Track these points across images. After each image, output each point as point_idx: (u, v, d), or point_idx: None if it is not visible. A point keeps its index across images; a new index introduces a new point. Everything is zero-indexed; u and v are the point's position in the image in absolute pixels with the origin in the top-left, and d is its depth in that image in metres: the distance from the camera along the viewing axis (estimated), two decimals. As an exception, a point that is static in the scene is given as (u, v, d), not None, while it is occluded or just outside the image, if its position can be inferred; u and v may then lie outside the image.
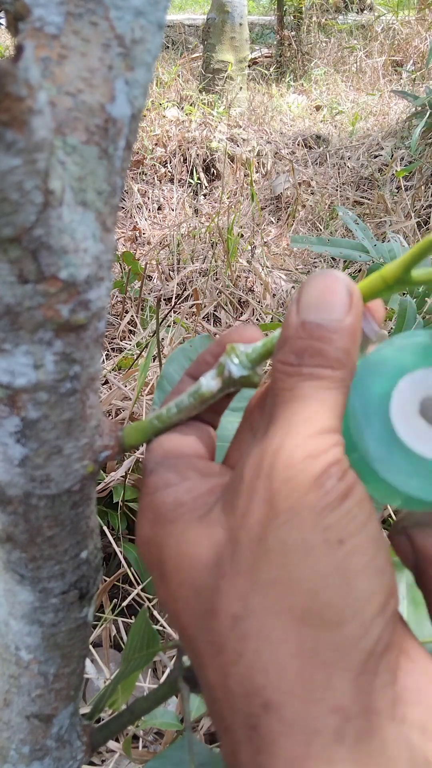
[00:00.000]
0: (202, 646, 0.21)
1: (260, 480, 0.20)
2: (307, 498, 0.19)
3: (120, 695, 0.49)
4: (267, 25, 5.50)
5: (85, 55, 0.19)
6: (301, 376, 0.22)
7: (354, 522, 0.19)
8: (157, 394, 0.44)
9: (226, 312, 1.83)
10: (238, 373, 0.25)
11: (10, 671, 0.31)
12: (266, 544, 0.19)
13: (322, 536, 0.19)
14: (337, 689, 0.18)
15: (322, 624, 0.18)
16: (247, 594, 0.19)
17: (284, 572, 0.19)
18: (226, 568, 0.20)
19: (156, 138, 2.86)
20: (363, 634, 0.18)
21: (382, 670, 0.18)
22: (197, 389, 0.25)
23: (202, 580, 0.21)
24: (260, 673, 0.19)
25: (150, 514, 0.24)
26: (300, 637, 0.18)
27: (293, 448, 0.20)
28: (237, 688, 0.19)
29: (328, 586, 0.19)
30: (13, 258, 0.18)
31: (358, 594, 0.19)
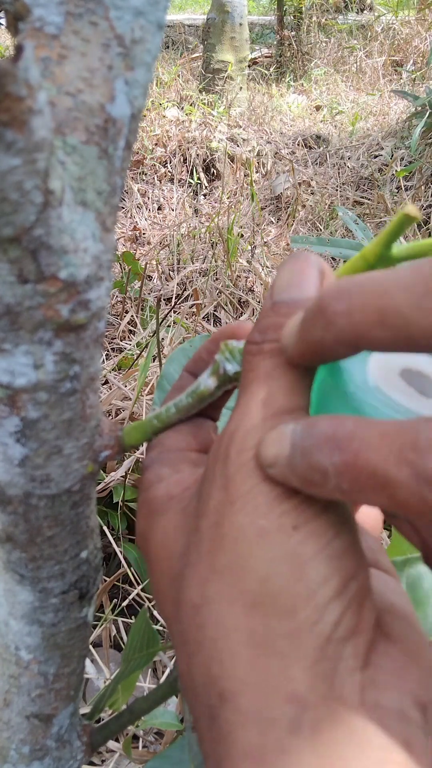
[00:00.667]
0: (175, 636, 0.21)
1: (218, 465, 0.20)
2: (263, 485, 0.19)
3: (120, 695, 0.49)
4: (267, 25, 5.50)
5: (85, 55, 0.19)
6: (262, 354, 0.21)
7: (311, 508, 0.19)
8: (157, 394, 0.44)
9: (226, 312, 1.83)
10: (232, 369, 0.25)
11: (10, 671, 0.31)
12: (222, 531, 0.19)
13: (277, 522, 0.18)
14: (292, 678, 0.17)
15: (273, 611, 0.18)
16: (205, 582, 0.19)
17: (237, 559, 0.19)
18: (191, 556, 0.20)
19: (156, 138, 2.86)
20: (317, 620, 0.18)
21: (346, 655, 0.18)
22: (195, 388, 0.26)
23: (174, 569, 0.21)
24: (216, 663, 0.18)
25: (144, 509, 0.24)
26: (252, 625, 0.18)
27: (248, 432, 0.20)
28: (198, 678, 0.19)
29: (279, 573, 0.18)
30: (13, 258, 0.18)
31: (311, 579, 0.18)
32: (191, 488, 0.23)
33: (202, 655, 0.19)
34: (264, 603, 0.18)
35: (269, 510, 0.19)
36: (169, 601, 0.21)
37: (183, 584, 0.20)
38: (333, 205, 2.52)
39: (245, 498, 0.19)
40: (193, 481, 0.23)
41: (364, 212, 2.49)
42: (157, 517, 0.23)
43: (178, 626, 0.20)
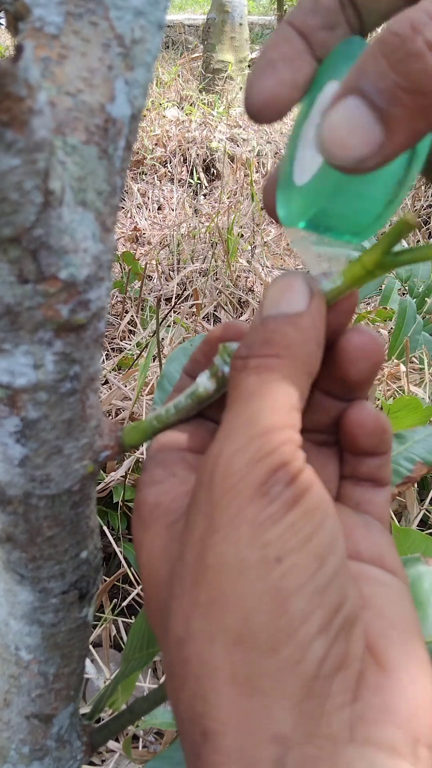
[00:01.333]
0: (164, 667, 0.20)
1: (202, 490, 0.19)
2: (248, 510, 0.18)
3: (120, 695, 0.49)
4: (267, 25, 5.50)
5: (85, 55, 0.19)
6: (247, 370, 0.20)
7: (296, 537, 0.18)
8: (157, 394, 0.44)
9: (226, 312, 1.83)
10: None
11: (10, 671, 0.31)
12: (206, 562, 0.18)
13: (259, 553, 0.18)
14: (275, 717, 0.17)
15: (255, 648, 0.17)
16: (189, 616, 0.18)
17: (220, 593, 0.18)
18: (175, 587, 0.19)
19: (156, 138, 2.86)
20: (301, 658, 0.17)
21: (334, 691, 0.17)
22: (194, 390, 0.25)
23: (161, 598, 0.20)
24: (200, 701, 0.18)
25: (137, 513, 0.23)
26: (234, 663, 0.17)
27: (233, 454, 0.19)
28: (183, 714, 0.18)
29: (260, 609, 0.17)
30: (13, 258, 0.18)
31: (293, 615, 0.17)
32: (179, 499, 0.22)
33: (186, 691, 0.18)
34: (246, 640, 0.17)
35: (253, 539, 0.18)
36: (158, 627, 0.21)
37: (169, 616, 0.19)
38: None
39: (229, 526, 0.18)
40: (183, 492, 0.23)
41: (364, 212, 2.49)
42: (145, 529, 0.22)
43: (166, 657, 0.20)
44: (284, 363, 0.20)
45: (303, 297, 0.21)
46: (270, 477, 0.18)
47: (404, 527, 0.84)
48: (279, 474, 0.18)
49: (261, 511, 0.18)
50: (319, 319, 0.21)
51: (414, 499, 1.04)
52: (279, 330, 0.21)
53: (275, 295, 0.22)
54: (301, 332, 0.21)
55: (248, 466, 0.18)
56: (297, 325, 0.21)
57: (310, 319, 0.21)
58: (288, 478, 0.18)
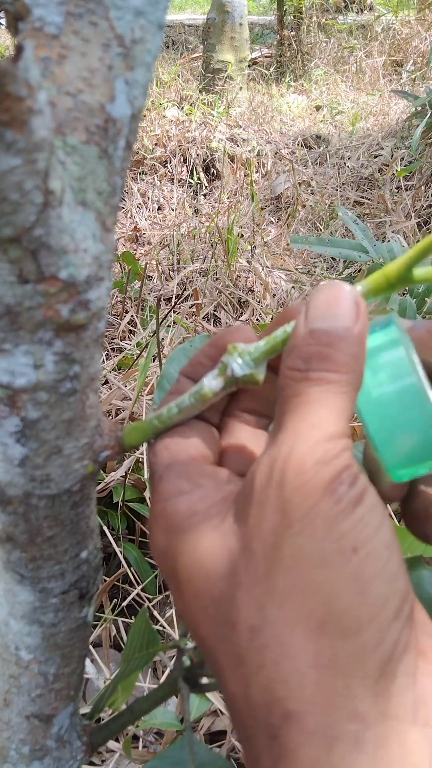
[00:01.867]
0: (222, 657, 0.21)
1: (272, 488, 0.20)
2: (320, 506, 0.19)
3: (120, 695, 0.49)
4: (267, 25, 5.50)
5: (85, 55, 0.19)
6: (309, 381, 0.22)
7: (367, 529, 0.19)
8: (157, 394, 0.44)
9: (226, 312, 1.83)
10: (240, 371, 0.25)
11: (10, 671, 0.31)
12: (281, 554, 0.20)
13: (337, 545, 0.19)
14: (356, 696, 0.18)
15: (338, 632, 0.19)
16: (264, 604, 0.20)
17: (299, 581, 0.19)
18: (242, 578, 0.20)
19: (156, 138, 2.86)
20: (380, 640, 0.19)
21: (401, 673, 0.19)
22: (199, 389, 0.25)
23: (218, 590, 0.21)
24: (280, 684, 0.19)
25: (163, 523, 0.24)
26: (317, 647, 0.19)
27: (303, 455, 0.20)
28: (258, 698, 0.19)
29: (343, 594, 0.19)
30: (13, 258, 0.18)
31: (374, 600, 0.19)
32: (218, 506, 0.23)
33: (262, 676, 0.19)
34: (329, 624, 0.19)
35: (328, 532, 0.19)
36: (209, 622, 0.21)
37: (236, 606, 0.20)
38: (333, 205, 2.52)
39: (303, 520, 0.19)
40: (219, 499, 0.23)
41: (364, 212, 2.49)
42: (180, 534, 0.23)
43: (229, 648, 0.20)
44: (342, 378, 0.22)
45: (351, 310, 0.23)
46: (337, 477, 0.20)
47: (404, 527, 0.84)
48: (344, 475, 0.20)
49: (332, 507, 0.19)
50: (365, 333, 0.23)
51: None
52: (335, 346, 0.22)
53: (322, 306, 0.23)
54: (353, 348, 0.22)
55: (317, 467, 0.20)
56: (349, 342, 0.22)
57: (359, 335, 0.22)
58: (351, 479, 0.20)
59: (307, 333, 0.22)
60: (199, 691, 0.40)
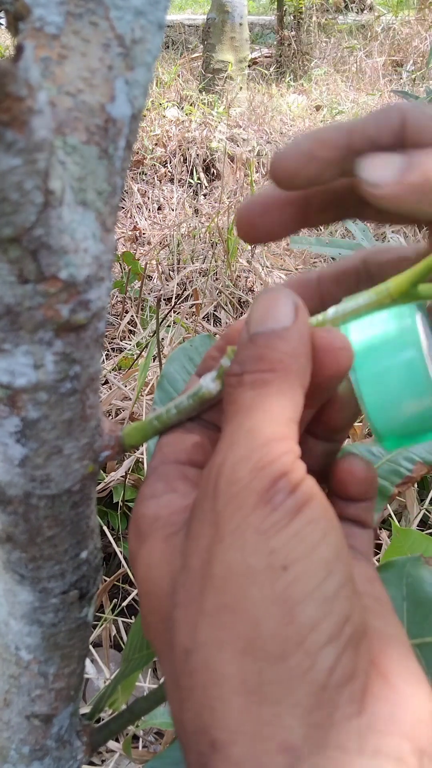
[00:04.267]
0: (166, 677, 0.20)
1: (206, 500, 0.19)
2: (252, 517, 0.18)
3: (120, 695, 0.49)
4: (267, 25, 5.50)
5: (85, 55, 0.19)
6: (243, 386, 0.21)
7: (302, 544, 0.18)
8: (157, 394, 0.44)
9: (226, 312, 1.83)
10: None
11: (10, 671, 0.31)
12: (212, 571, 0.18)
13: (266, 561, 0.18)
14: (285, 726, 0.17)
15: (264, 657, 0.17)
16: (196, 625, 0.18)
17: (227, 601, 0.18)
18: (180, 597, 0.19)
19: (156, 138, 2.86)
20: (310, 667, 0.17)
21: (343, 702, 0.17)
22: (197, 391, 0.25)
23: (163, 610, 0.20)
24: (207, 711, 0.18)
25: (134, 526, 0.23)
26: (243, 672, 0.17)
27: (236, 463, 0.19)
28: (189, 725, 0.18)
29: (269, 616, 0.17)
30: (13, 258, 0.18)
31: (302, 624, 0.17)
32: (178, 513, 0.22)
33: (193, 701, 0.18)
34: (255, 648, 0.17)
35: (258, 547, 0.18)
36: (160, 640, 0.21)
37: (173, 626, 0.19)
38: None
39: (234, 534, 0.18)
40: (182, 506, 0.23)
41: (364, 212, 2.49)
42: (141, 540, 0.22)
43: (170, 669, 0.20)
44: (278, 377, 0.21)
45: (289, 311, 0.22)
46: (272, 486, 0.18)
47: (404, 527, 0.84)
48: (280, 483, 0.19)
49: (265, 518, 0.18)
50: (305, 331, 0.22)
51: (414, 499, 1.04)
52: (270, 345, 0.21)
53: (261, 311, 0.22)
54: (290, 346, 0.21)
55: (251, 475, 0.19)
56: (286, 340, 0.21)
57: (297, 333, 0.21)
58: (289, 487, 0.19)
59: (248, 339, 0.22)
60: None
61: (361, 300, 0.24)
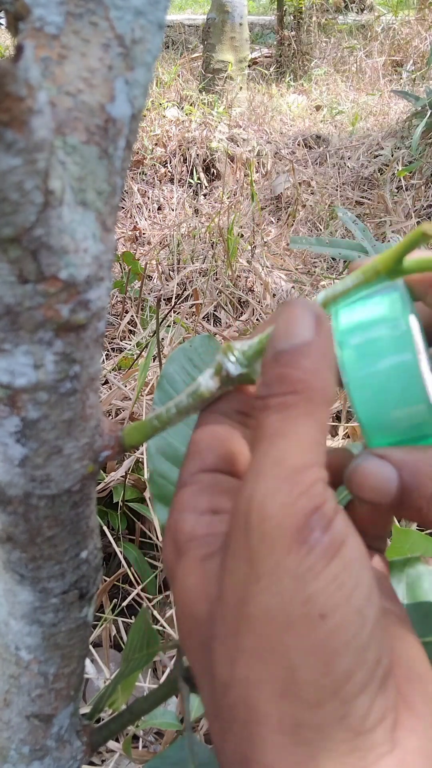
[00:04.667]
0: (206, 702, 0.20)
1: (239, 534, 0.19)
2: (288, 560, 0.18)
3: (120, 695, 0.49)
4: (267, 25, 5.50)
5: (85, 55, 0.19)
6: (267, 410, 0.20)
7: (339, 592, 0.18)
8: (157, 394, 0.44)
9: (226, 312, 1.83)
10: (235, 371, 0.25)
11: (10, 671, 0.31)
12: (248, 611, 0.18)
13: (303, 609, 0.18)
14: (323, 767, 0.17)
15: (300, 702, 0.18)
16: (234, 661, 0.19)
17: (265, 643, 0.18)
18: (217, 629, 0.19)
19: (156, 138, 2.86)
20: (345, 715, 0.17)
21: (377, 742, 0.18)
22: (195, 389, 0.25)
23: (201, 637, 0.20)
24: (247, 744, 0.18)
25: (171, 535, 0.23)
26: (281, 713, 0.18)
27: (265, 497, 0.19)
28: (230, 755, 0.19)
29: (306, 665, 0.18)
30: (13, 258, 0.18)
31: (337, 675, 0.17)
32: (214, 535, 0.22)
33: (233, 733, 0.19)
34: (292, 692, 0.18)
35: (296, 594, 0.18)
36: (198, 662, 0.21)
37: (213, 657, 0.20)
38: (333, 205, 2.52)
39: (270, 577, 0.18)
40: (218, 527, 0.22)
41: (364, 212, 2.49)
42: (178, 556, 0.22)
43: (210, 696, 0.20)
44: (302, 398, 0.20)
45: (309, 325, 0.21)
46: (306, 523, 0.18)
47: (404, 528, 0.84)
48: (314, 519, 0.18)
49: (301, 561, 0.18)
50: (328, 344, 0.21)
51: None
52: (291, 364, 0.20)
53: (282, 327, 0.22)
54: (312, 363, 0.20)
55: (282, 510, 0.18)
56: (308, 356, 0.21)
57: (318, 348, 0.21)
58: (324, 523, 0.18)
59: (272, 357, 0.21)
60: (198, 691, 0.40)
61: (349, 281, 0.24)
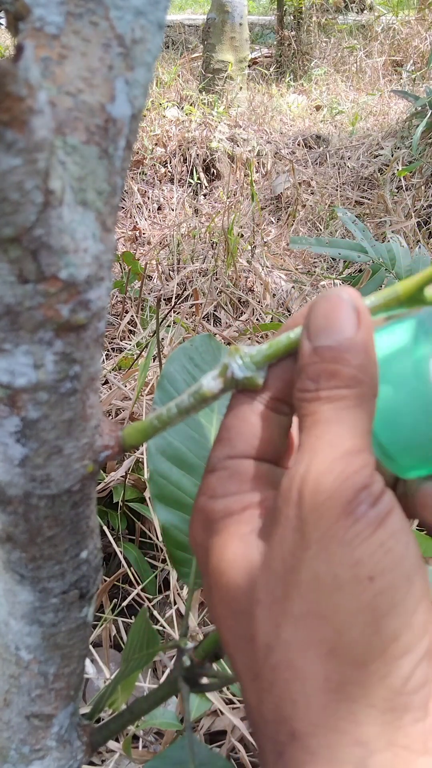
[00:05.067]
0: (241, 667, 0.21)
1: (290, 507, 0.20)
2: (337, 527, 0.19)
3: (120, 695, 0.49)
4: (267, 25, 5.50)
5: (85, 55, 0.19)
6: (320, 400, 0.21)
7: (387, 557, 0.19)
8: (157, 394, 0.44)
9: (226, 312, 1.83)
10: (241, 374, 0.25)
11: (10, 671, 0.31)
12: (298, 576, 0.19)
13: (352, 572, 0.19)
14: (361, 723, 0.18)
15: (347, 661, 0.19)
16: (280, 625, 0.20)
17: (314, 606, 0.19)
18: (261, 595, 0.20)
19: (156, 138, 2.86)
20: (388, 674, 0.18)
21: (414, 706, 0.19)
22: (198, 389, 0.25)
23: (239, 604, 0.21)
24: (288, 704, 0.19)
25: (201, 516, 0.24)
26: (326, 672, 0.19)
27: (320, 473, 0.20)
28: (268, 714, 0.20)
29: (354, 625, 0.19)
30: (13, 258, 0.18)
31: (385, 635, 0.18)
32: (252, 510, 0.23)
33: (273, 694, 0.20)
34: (339, 652, 0.19)
35: (344, 558, 0.19)
36: (230, 631, 0.22)
37: (254, 623, 0.20)
38: (333, 205, 2.52)
39: (320, 543, 0.19)
40: (256, 502, 0.23)
41: (364, 212, 2.49)
42: (213, 533, 0.23)
43: (247, 661, 0.21)
44: (353, 392, 0.21)
45: (352, 319, 0.22)
46: (355, 497, 0.19)
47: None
48: (363, 494, 0.19)
49: (349, 528, 0.19)
50: (370, 338, 0.22)
51: None
52: (339, 360, 0.21)
53: (322, 320, 0.22)
54: (359, 359, 0.21)
55: (334, 485, 0.19)
56: (354, 352, 0.21)
57: (362, 342, 0.22)
58: (372, 500, 0.19)
59: (312, 351, 0.22)
60: (199, 691, 0.40)
61: (368, 302, 0.24)
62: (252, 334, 1.57)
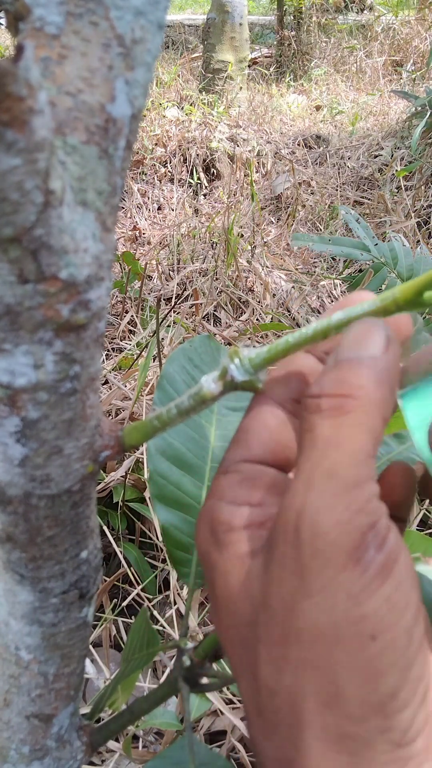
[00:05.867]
0: (246, 697, 0.21)
1: (287, 546, 0.19)
2: (342, 578, 0.18)
3: (120, 695, 0.49)
4: (267, 25, 5.50)
5: (85, 55, 0.19)
6: (320, 413, 0.20)
7: (391, 613, 0.18)
8: (157, 394, 0.44)
9: (226, 312, 1.83)
10: (240, 377, 0.25)
11: (10, 671, 0.31)
12: (297, 623, 0.19)
13: (354, 628, 0.18)
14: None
15: (345, 715, 0.18)
16: (280, 669, 0.19)
17: (312, 656, 0.18)
18: (261, 632, 0.20)
19: (156, 138, 2.86)
20: (388, 729, 0.18)
21: (414, 753, 0.18)
22: (198, 391, 0.25)
23: (243, 635, 0.21)
24: (291, 747, 0.19)
25: (207, 521, 0.23)
26: (325, 722, 0.18)
27: (318, 511, 0.18)
28: (271, 752, 0.20)
29: (352, 681, 0.18)
30: (13, 258, 0.18)
31: (383, 692, 0.18)
32: (254, 529, 0.22)
33: (278, 735, 0.19)
34: (336, 705, 0.18)
35: (349, 613, 0.18)
36: (237, 658, 0.21)
37: (258, 661, 0.20)
38: (333, 205, 2.52)
39: (322, 593, 0.18)
40: (259, 522, 0.22)
41: (364, 212, 2.49)
42: (216, 545, 0.22)
43: (252, 694, 0.20)
44: (358, 405, 0.20)
45: (380, 342, 0.21)
46: (362, 541, 0.18)
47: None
48: (369, 537, 0.18)
49: (356, 580, 0.18)
50: (395, 365, 0.21)
51: (414, 500, 1.04)
52: (353, 370, 0.20)
53: (352, 340, 0.21)
54: (377, 375, 0.20)
55: (337, 527, 0.18)
56: (373, 369, 0.20)
57: (385, 365, 0.21)
58: (379, 541, 0.18)
59: (333, 363, 0.21)
60: (199, 691, 0.40)
61: (366, 306, 0.24)
62: (252, 334, 1.57)
